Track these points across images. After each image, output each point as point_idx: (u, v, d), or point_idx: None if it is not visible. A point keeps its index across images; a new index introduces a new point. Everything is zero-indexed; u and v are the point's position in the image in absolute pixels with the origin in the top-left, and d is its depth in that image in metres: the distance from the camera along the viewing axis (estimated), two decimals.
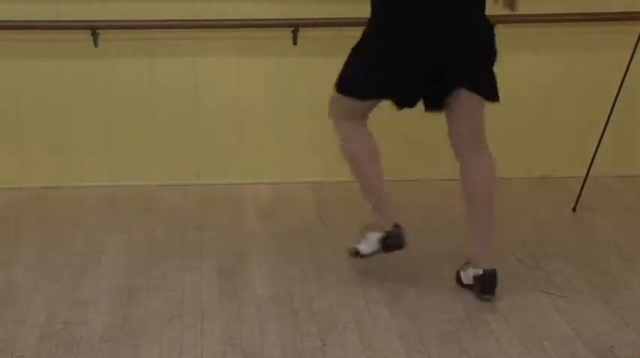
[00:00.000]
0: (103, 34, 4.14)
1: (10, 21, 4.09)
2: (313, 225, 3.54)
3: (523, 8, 4.20)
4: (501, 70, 4.28)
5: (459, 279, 3.23)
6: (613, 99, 3.88)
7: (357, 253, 3.30)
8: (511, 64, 4.31)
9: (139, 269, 3.39)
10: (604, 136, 3.92)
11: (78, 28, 4.12)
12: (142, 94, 4.26)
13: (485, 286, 3.12)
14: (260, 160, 4.34)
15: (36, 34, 4.13)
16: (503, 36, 4.25)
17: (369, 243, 3.27)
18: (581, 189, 3.97)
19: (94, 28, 4.12)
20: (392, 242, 3.24)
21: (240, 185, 4.30)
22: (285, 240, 3.66)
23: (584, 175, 3.97)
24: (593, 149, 3.94)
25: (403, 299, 3.16)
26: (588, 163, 3.96)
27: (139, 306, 3.10)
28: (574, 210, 3.98)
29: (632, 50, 3.82)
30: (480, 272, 3.13)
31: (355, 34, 3.23)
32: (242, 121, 4.31)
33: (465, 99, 3.04)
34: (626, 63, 3.82)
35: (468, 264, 3.21)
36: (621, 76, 3.84)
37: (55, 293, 3.20)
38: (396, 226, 3.24)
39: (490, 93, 3.09)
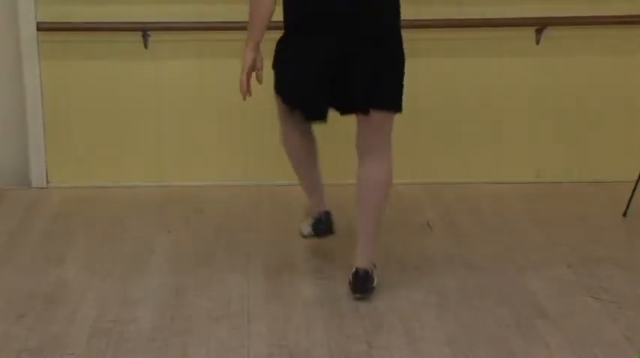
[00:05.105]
0: (154, 36, 4.19)
1: (61, 22, 4.14)
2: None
3: (577, 10, 4.19)
4: (553, 72, 4.29)
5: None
6: None
7: (301, 233, 3.52)
8: (563, 66, 4.30)
9: (187, 269, 3.42)
10: None
11: (128, 30, 4.18)
12: (190, 95, 4.29)
13: (356, 285, 3.16)
14: None
15: (86, 35, 4.19)
16: (556, 38, 4.24)
17: (306, 226, 3.50)
18: (632, 194, 3.91)
19: (144, 30, 4.17)
20: (322, 227, 3.43)
21: (287, 186, 4.30)
22: (331, 242, 3.66)
23: (635, 180, 3.91)
24: None
25: (451, 302, 3.14)
26: (639, 167, 3.91)
27: (186, 306, 3.13)
28: (625, 215, 3.92)
29: None
30: (353, 269, 3.18)
31: None
32: None
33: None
34: None
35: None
36: None
37: (105, 292, 3.24)
38: (326, 213, 3.42)
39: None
